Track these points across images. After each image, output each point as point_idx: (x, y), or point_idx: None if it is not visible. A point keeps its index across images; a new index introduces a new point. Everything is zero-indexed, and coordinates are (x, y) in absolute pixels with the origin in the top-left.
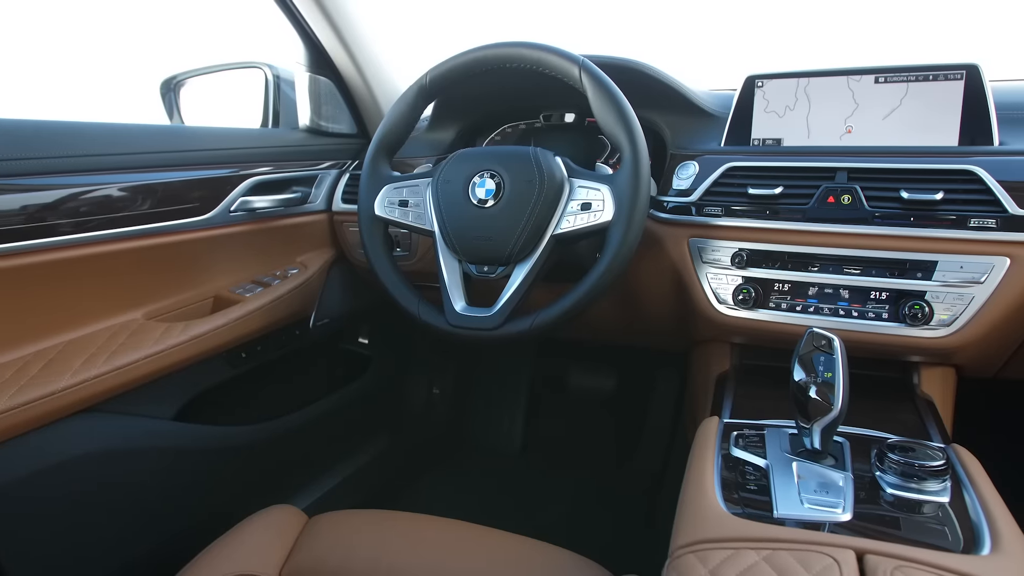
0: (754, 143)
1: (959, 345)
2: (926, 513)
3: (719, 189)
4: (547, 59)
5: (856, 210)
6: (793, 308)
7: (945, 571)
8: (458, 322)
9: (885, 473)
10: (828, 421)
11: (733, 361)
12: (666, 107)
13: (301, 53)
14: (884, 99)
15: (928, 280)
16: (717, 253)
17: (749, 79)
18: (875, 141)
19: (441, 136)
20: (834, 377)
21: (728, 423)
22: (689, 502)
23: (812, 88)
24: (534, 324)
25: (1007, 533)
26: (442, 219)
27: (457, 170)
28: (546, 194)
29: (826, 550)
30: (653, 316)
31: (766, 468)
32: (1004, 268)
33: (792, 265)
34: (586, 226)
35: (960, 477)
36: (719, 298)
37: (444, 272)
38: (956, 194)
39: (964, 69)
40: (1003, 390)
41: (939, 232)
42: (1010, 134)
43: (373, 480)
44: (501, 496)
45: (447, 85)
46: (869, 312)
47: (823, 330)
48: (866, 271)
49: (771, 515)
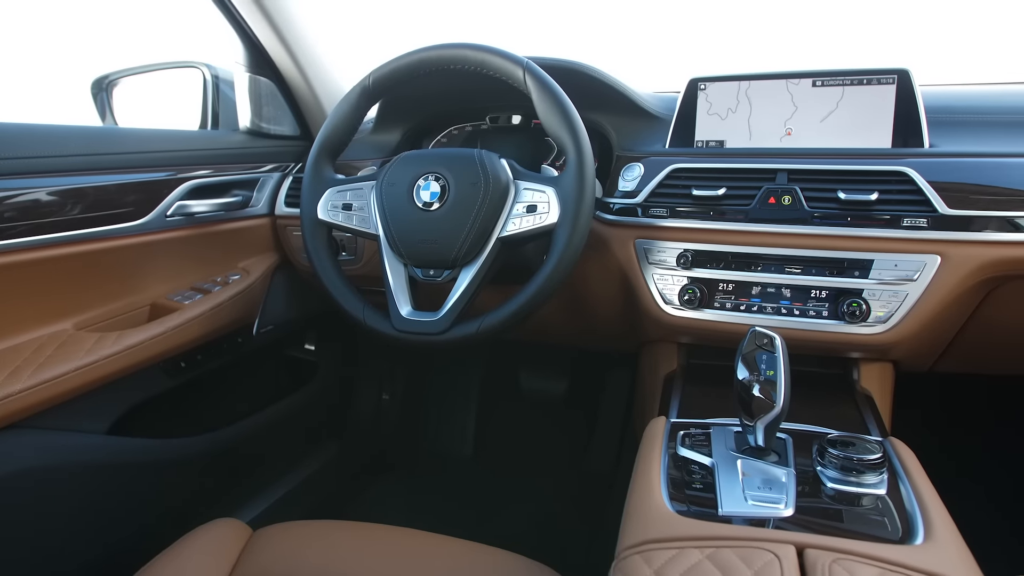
0: (698, 145)
1: (895, 341)
2: (865, 505)
3: (664, 190)
4: (491, 61)
5: (796, 210)
6: (737, 307)
7: (880, 562)
8: (404, 327)
9: (826, 468)
10: (771, 418)
11: (681, 361)
12: (611, 109)
13: (240, 53)
14: (821, 102)
15: (865, 278)
16: (663, 254)
17: (692, 82)
18: (813, 143)
19: (386, 138)
20: (776, 375)
21: (675, 422)
22: (635, 503)
23: (753, 91)
24: (481, 328)
25: (939, 522)
26: (386, 222)
27: (401, 173)
28: (491, 196)
29: (767, 546)
30: (601, 317)
31: (712, 466)
32: (935, 266)
33: (736, 265)
34: (532, 228)
35: (896, 469)
36: (665, 298)
37: (389, 276)
38: (890, 194)
39: (896, 74)
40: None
41: (874, 231)
42: (940, 136)
43: (321, 490)
44: (454, 502)
45: (391, 86)
46: (810, 310)
47: (765, 329)
48: (806, 270)
49: (716, 513)
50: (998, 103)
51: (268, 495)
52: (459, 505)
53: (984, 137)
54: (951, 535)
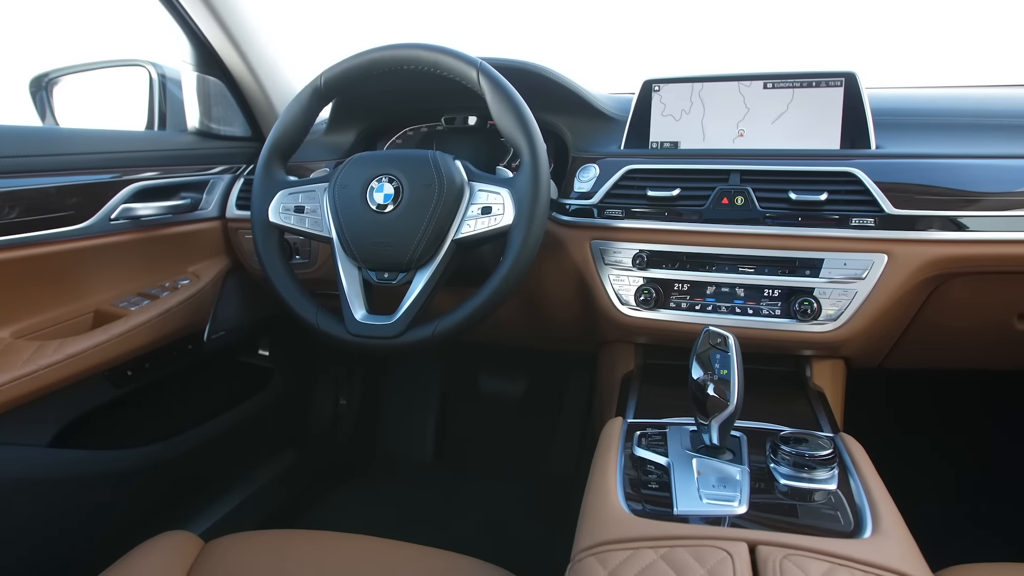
0: (653, 146)
1: (845, 338)
2: (817, 501)
3: (619, 191)
4: (444, 61)
5: (749, 211)
6: (692, 307)
7: (829, 556)
8: (358, 331)
9: (779, 465)
10: (725, 417)
11: (638, 361)
12: (567, 110)
13: (188, 51)
14: (772, 104)
15: (816, 277)
16: (619, 255)
17: (646, 83)
18: (765, 144)
19: (340, 139)
20: (730, 374)
21: (632, 423)
22: (591, 504)
23: (706, 93)
24: (436, 331)
25: (886, 515)
26: (340, 225)
27: (354, 174)
28: (446, 198)
29: (720, 544)
30: (558, 318)
31: (667, 466)
32: (883, 264)
33: (690, 265)
34: (487, 230)
35: (847, 465)
36: (621, 299)
37: (343, 280)
38: (839, 195)
39: (843, 77)
40: (890, 380)
41: (824, 231)
42: (886, 138)
43: (277, 499)
44: (415, 507)
45: (343, 87)
46: (763, 309)
47: (719, 328)
48: (759, 270)
49: (672, 512)
50: (942, 106)
51: (221, 505)
52: (419, 510)
53: (928, 139)
54: (898, 528)
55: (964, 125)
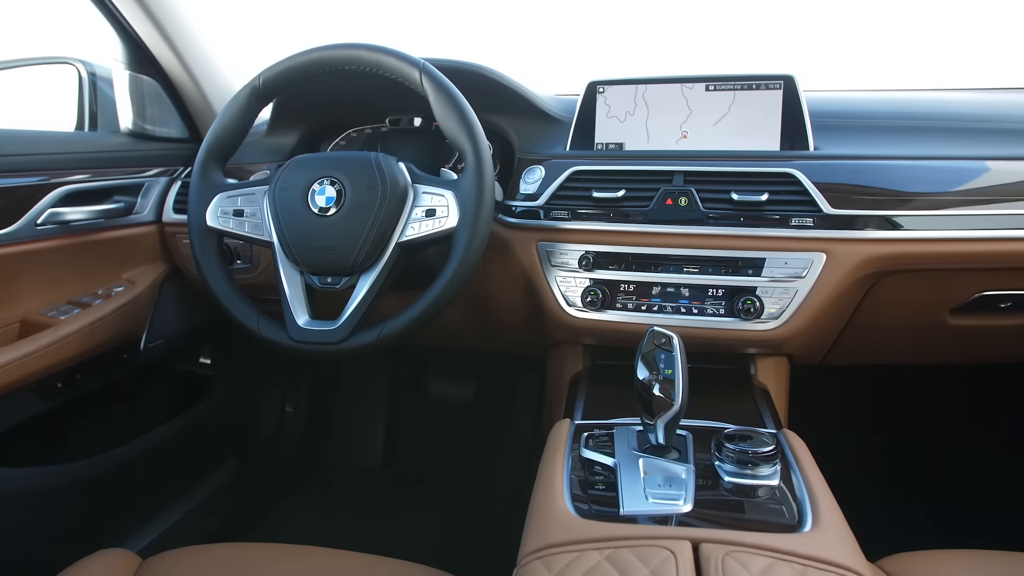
0: (598, 147)
1: (787, 336)
2: (760, 496)
3: (565, 193)
4: (387, 62)
5: (692, 211)
6: (639, 308)
7: (770, 551)
8: (301, 337)
9: (723, 462)
10: (670, 416)
11: (586, 362)
12: (512, 111)
13: (119, 49)
14: (714, 106)
15: (758, 276)
16: (565, 256)
17: (591, 85)
18: (708, 145)
19: (282, 141)
20: (674, 374)
21: (579, 424)
22: (538, 508)
23: (650, 94)
24: (381, 335)
25: (825, 509)
26: (281, 229)
27: (295, 177)
28: (389, 201)
29: (664, 543)
30: (506, 321)
31: (614, 466)
32: (822, 263)
33: (636, 266)
34: (431, 232)
35: (789, 460)
36: (568, 301)
37: (285, 284)
38: (779, 195)
39: (782, 79)
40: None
41: (766, 231)
42: (824, 140)
43: (222, 512)
44: (365, 515)
45: (283, 87)
46: (708, 309)
47: (664, 328)
48: (703, 270)
49: (618, 513)
50: (877, 109)
51: (161, 521)
52: (370, 517)
53: (864, 141)
54: (836, 521)
55: (898, 128)
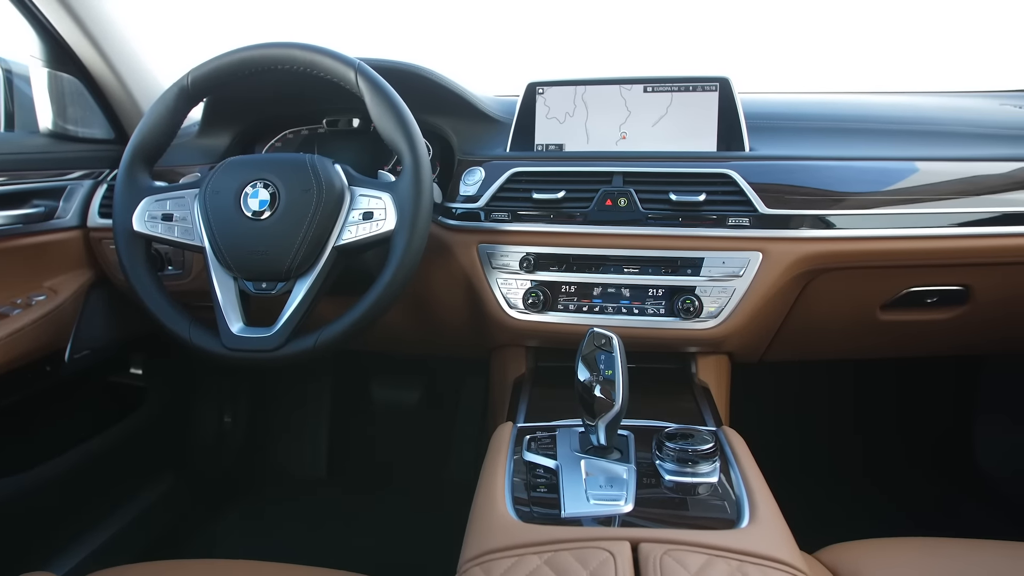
0: (538, 148)
1: (726, 334)
2: (700, 494)
3: (505, 194)
4: (321, 62)
5: (632, 212)
6: (580, 309)
7: (707, 548)
8: (235, 344)
9: (664, 461)
10: (611, 417)
11: (529, 364)
12: (452, 112)
13: (36, 46)
14: (653, 107)
15: (697, 276)
16: (506, 258)
17: (530, 86)
18: (646, 146)
19: (214, 142)
20: (614, 374)
21: (522, 427)
22: (479, 513)
23: (589, 96)
24: (319, 342)
25: (762, 504)
26: (212, 233)
27: (227, 180)
28: (325, 204)
29: (603, 544)
30: (448, 324)
31: (556, 469)
32: (758, 262)
33: (577, 267)
34: (369, 236)
35: (728, 457)
36: (510, 303)
37: (217, 291)
38: (716, 195)
39: (718, 81)
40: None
41: (704, 231)
42: (759, 141)
43: (155, 528)
44: (309, 525)
45: (212, 87)
46: (648, 309)
47: (605, 329)
48: (643, 270)
49: (559, 515)
50: (810, 111)
51: (89, 540)
52: (314, 528)
53: (798, 142)
54: (772, 516)
55: (830, 129)
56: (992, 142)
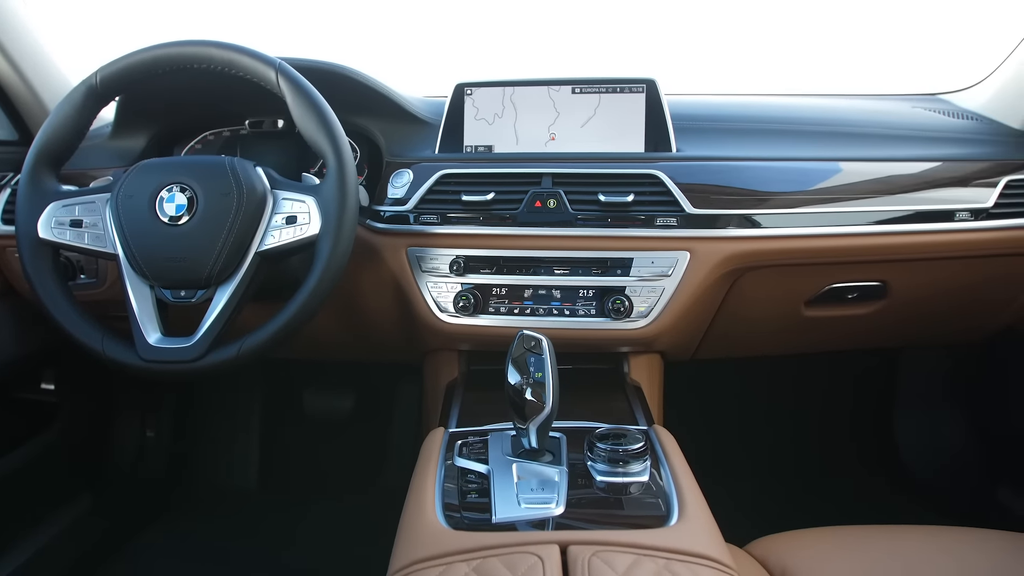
0: (467, 150)
1: (657, 333)
2: (632, 494)
3: (434, 196)
4: (240, 61)
5: (561, 213)
6: (511, 311)
7: (635, 547)
8: (152, 356)
9: (595, 462)
10: (542, 419)
11: (462, 368)
12: (379, 114)
13: None
14: (581, 108)
15: (626, 276)
16: (436, 261)
17: (459, 87)
18: (575, 148)
19: (128, 144)
20: (544, 376)
21: (453, 432)
22: (407, 522)
23: (517, 97)
24: (242, 351)
25: (691, 502)
26: (126, 240)
27: (140, 183)
28: (246, 208)
29: (532, 549)
30: (379, 329)
31: (487, 473)
32: (686, 261)
33: (507, 269)
34: (293, 240)
35: (658, 456)
36: (440, 306)
37: (133, 300)
38: (644, 196)
39: (644, 83)
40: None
41: (632, 231)
42: (686, 142)
43: (70, 554)
44: (241, 541)
45: (123, 86)
46: (579, 310)
47: (534, 331)
48: (574, 271)
49: (490, 521)
50: (736, 112)
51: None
52: (246, 543)
53: (724, 143)
54: (700, 512)
55: (755, 130)
56: (905, 143)
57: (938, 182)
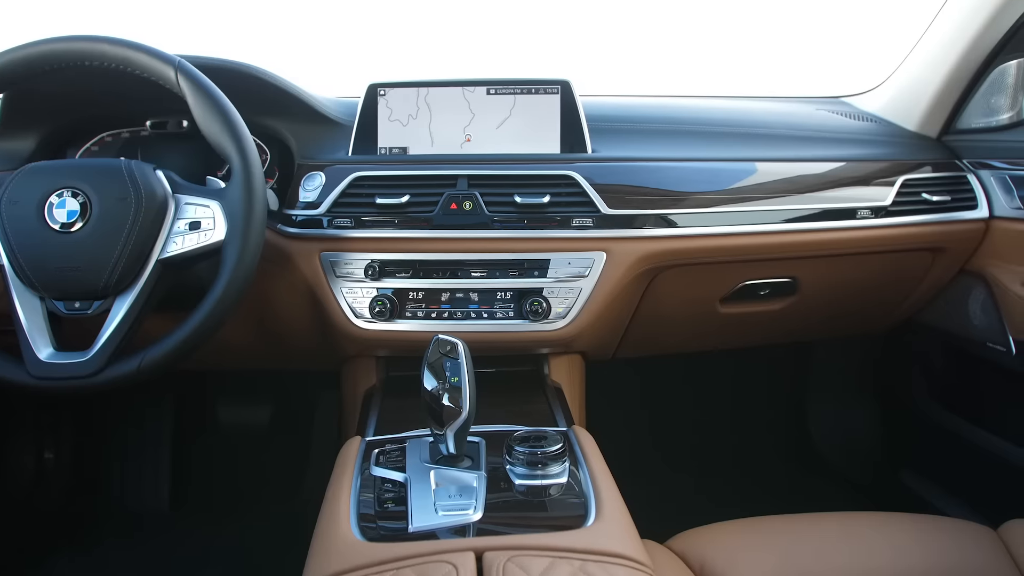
0: (381, 152)
1: (576, 334)
2: (552, 496)
3: (347, 200)
4: (136, 58)
5: (477, 215)
6: (429, 315)
7: (551, 550)
8: (44, 373)
9: (514, 465)
10: (459, 424)
11: (380, 375)
12: (289, 115)
13: None
14: (496, 110)
15: (544, 277)
16: (350, 266)
17: (371, 87)
18: (491, 149)
19: (15, 145)
20: (461, 381)
21: (371, 441)
22: (320, 536)
23: (432, 98)
24: (143, 364)
25: (608, 501)
26: (11, 249)
27: (26, 188)
28: (145, 213)
29: (447, 557)
30: (293, 337)
31: (405, 482)
32: (602, 261)
33: (424, 273)
34: (197, 247)
35: (577, 457)
36: (356, 312)
37: (21, 313)
38: (560, 197)
39: (559, 84)
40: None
41: (549, 232)
42: (601, 143)
43: None
44: (153, 567)
45: (6, 83)
46: (497, 312)
47: (450, 335)
48: (491, 273)
49: (406, 530)
50: (649, 113)
51: None
52: (158, 567)
53: (638, 143)
54: (616, 512)
55: (669, 131)
56: (811, 144)
57: (842, 181)
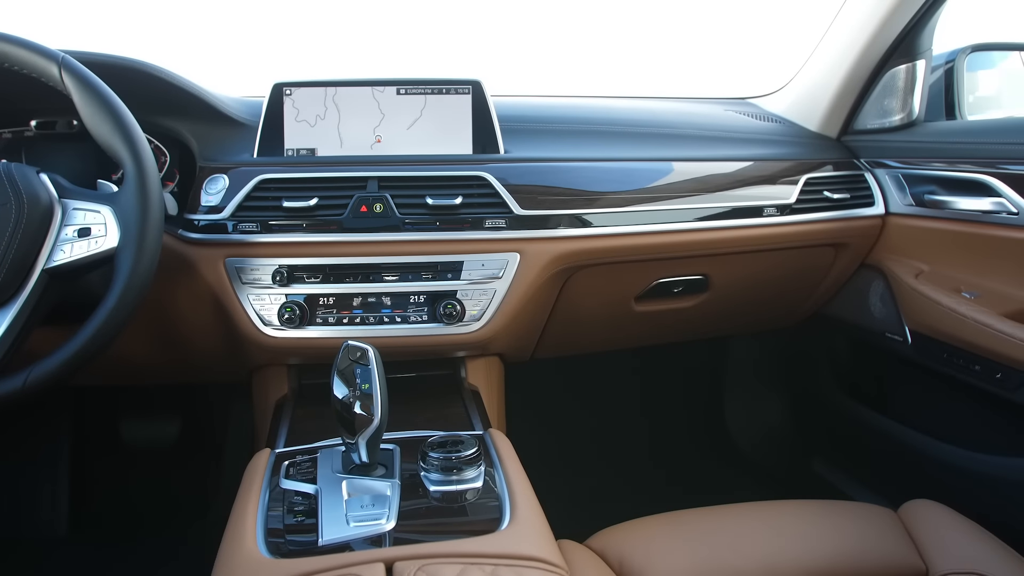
0: (288, 153)
1: (491, 336)
2: (468, 501)
3: (253, 203)
4: (15, 54)
5: (388, 218)
6: (340, 321)
7: (463, 556)
8: None
9: (429, 471)
10: (371, 432)
11: (292, 384)
12: (189, 115)
13: None
14: (407, 110)
15: (457, 280)
16: (257, 272)
17: (276, 86)
18: (402, 150)
19: None
20: (372, 387)
21: (280, 453)
22: (224, 554)
23: (340, 97)
24: (29, 381)
25: (522, 503)
26: None
27: None
28: (28, 220)
29: (356, 570)
30: (197, 348)
31: (315, 493)
32: (516, 262)
33: (334, 278)
34: (87, 255)
35: (493, 460)
36: (264, 320)
37: None
38: (472, 198)
39: (470, 84)
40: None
41: (462, 234)
42: (513, 143)
43: None
44: None
45: None
46: (411, 316)
47: (361, 341)
48: (403, 277)
49: (316, 544)
50: (562, 113)
51: None
52: None
53: (550, 144)
54: (531, 514)
55: (581, 132)
56: (720, 144)
57: (749, 180)
